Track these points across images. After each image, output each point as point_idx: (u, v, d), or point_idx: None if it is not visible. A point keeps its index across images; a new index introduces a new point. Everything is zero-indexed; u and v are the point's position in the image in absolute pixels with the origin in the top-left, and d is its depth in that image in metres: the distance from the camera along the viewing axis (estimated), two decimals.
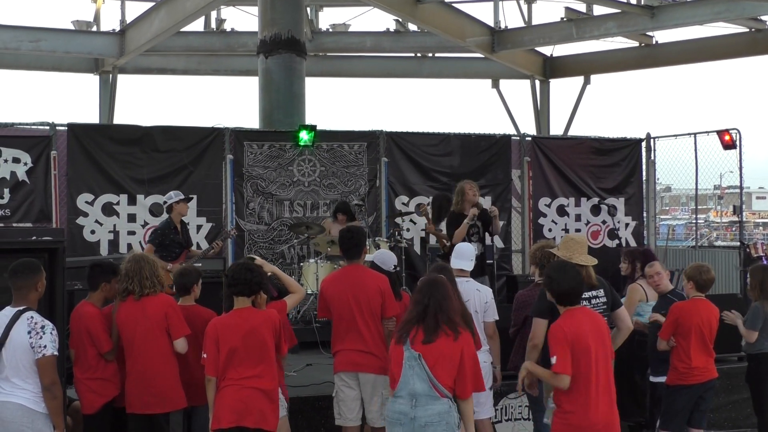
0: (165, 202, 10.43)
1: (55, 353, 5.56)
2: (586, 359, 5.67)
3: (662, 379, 7.67)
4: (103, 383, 6.58)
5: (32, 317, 5.60)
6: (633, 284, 8.31)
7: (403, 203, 13.33)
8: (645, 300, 8.17)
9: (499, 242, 13.66)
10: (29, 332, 5.54)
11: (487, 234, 10.09)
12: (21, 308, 5.65)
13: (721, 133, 14.03)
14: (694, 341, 7.31)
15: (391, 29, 19.62)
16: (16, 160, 11.54)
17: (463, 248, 7.62)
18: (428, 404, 5.51)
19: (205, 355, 6.08)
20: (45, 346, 5.52)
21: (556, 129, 19.76)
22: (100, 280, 6.78)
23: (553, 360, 5.62)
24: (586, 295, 6.48)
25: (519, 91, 25.31)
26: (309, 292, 10.88)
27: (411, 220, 13.23)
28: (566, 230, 13.97)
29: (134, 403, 6.51)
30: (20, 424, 5.56)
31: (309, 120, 14.22)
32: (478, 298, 7.28)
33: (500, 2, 18.57)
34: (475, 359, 5.74)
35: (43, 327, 5.57)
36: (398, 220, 12.63)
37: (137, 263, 6.60)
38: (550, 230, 14.12)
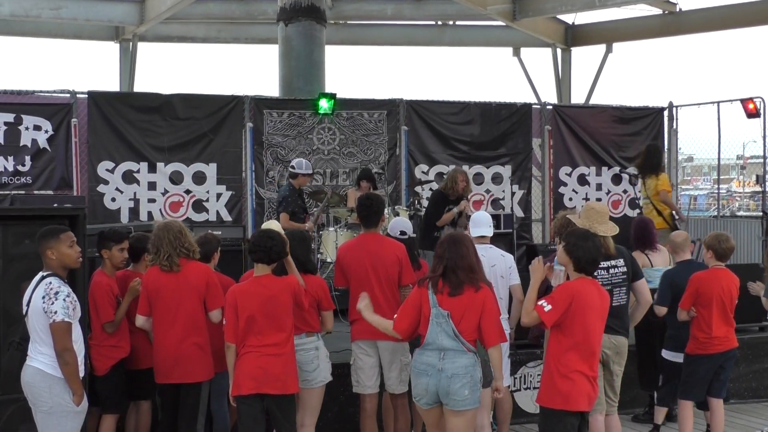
0: (293, 167, 10.49)
1: (66, 320, 5.53)
2: (584, 326, 5.66)
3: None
4: (110, 348, 6.68)
5: (50, 283, 5.60)
6: (636, 251, 8.29)
7: (423, 172, 13.31)
8: (649, 266, 8.16)
9: (519, 211, 13.65)
10: (43, 297, 5.55)
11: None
12: (45, 274, 5.70)
13: (744, 102, 13.89)
14: (714, 311, 7.28)
15: None
16: (37, 128, 11.58)
17: (480, 216, 7.59)
18: (456, 358, 5.70)
19: (224, 321, 6.12)
20: (56, 312, 5.51)
21: (577, 98, 19.62)
22: (99, 248, 6.86)
23: (548, 308, 5.63)
24: (604, 264, 6.46)
25: (540, 59, 25.11)
26: (328, 260, 10.90)
27: (430, 189, 13.21)
28: (587, 199, 13.90)
29: (171, 374, 6.53)
30: (39, 388, 5.61)
31: (329, 88, 14.19)
32: (503, 264, 7.25)
33: None
34: (497, 312, 5.86)
35: (57, 293, 5.55)
36: (418, 188, 12.62)
37: (165, 231, 6.56)
38: (570, 199, 14.09)
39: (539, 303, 5.69)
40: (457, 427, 5.78)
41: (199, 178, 12.29)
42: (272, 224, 7.11)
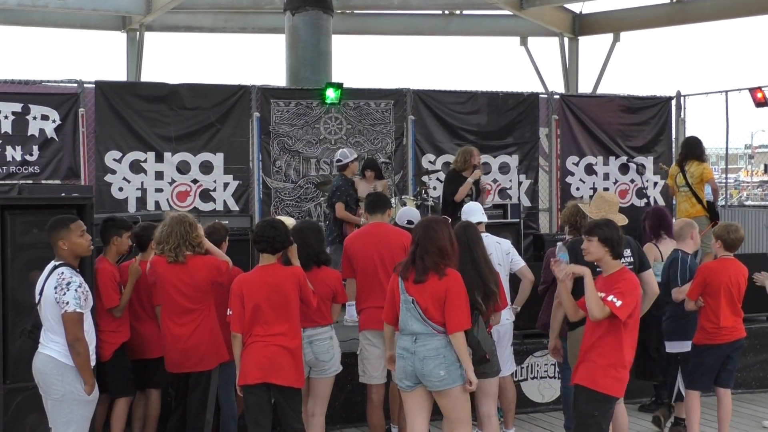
0: (339, 160, 10.65)
1: (78, 310, 5.56)
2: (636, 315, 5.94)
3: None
4: (111, 334, 6.73)
5: (62, 273, 5.62)
6: (648, 244, 8.26)
7: (430, 161, 13.29)
8: (660, 260, 8.11)
9: (526, 201, 13.63)
10: (55, 287, 5.57)
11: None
12: (57, 263, 5.72)
13: (753, 91, 13.83)
14: (722, 301, 7.26)
15: None
16: (44, 118, 11.58)
17: (471, 205, 7.66)
18: (427, 341, 5.78)
19: (230, 312, 6.13)
20: (68, 303, 5.54)
21: (584, 87, 19.59)
22: (110, 235, 6.89)
23: (619, 303, 5.67)
24: None
25: (547, 48, 24.98)
26: None
27: (437, 179, 13.20)
28: (594, 189, 13.88)
29: (182, 364, 6.62)
30: (51, 375, 5.64)
31: (336, 78, 14.16)
32: (499, 251, 7.28)
33: None
34: (460, 298, 5.80)
35: (69, 284, 5.57)
36: (425, 178, 12.60)
37: (177, 224, 6.59)
38: (577, 189, 14.05)
39: (608, 299, 5.69)
40: (447, 408, 5.86)
41: (206, 168, 12.29)
42: (286, 220, 7.14)
